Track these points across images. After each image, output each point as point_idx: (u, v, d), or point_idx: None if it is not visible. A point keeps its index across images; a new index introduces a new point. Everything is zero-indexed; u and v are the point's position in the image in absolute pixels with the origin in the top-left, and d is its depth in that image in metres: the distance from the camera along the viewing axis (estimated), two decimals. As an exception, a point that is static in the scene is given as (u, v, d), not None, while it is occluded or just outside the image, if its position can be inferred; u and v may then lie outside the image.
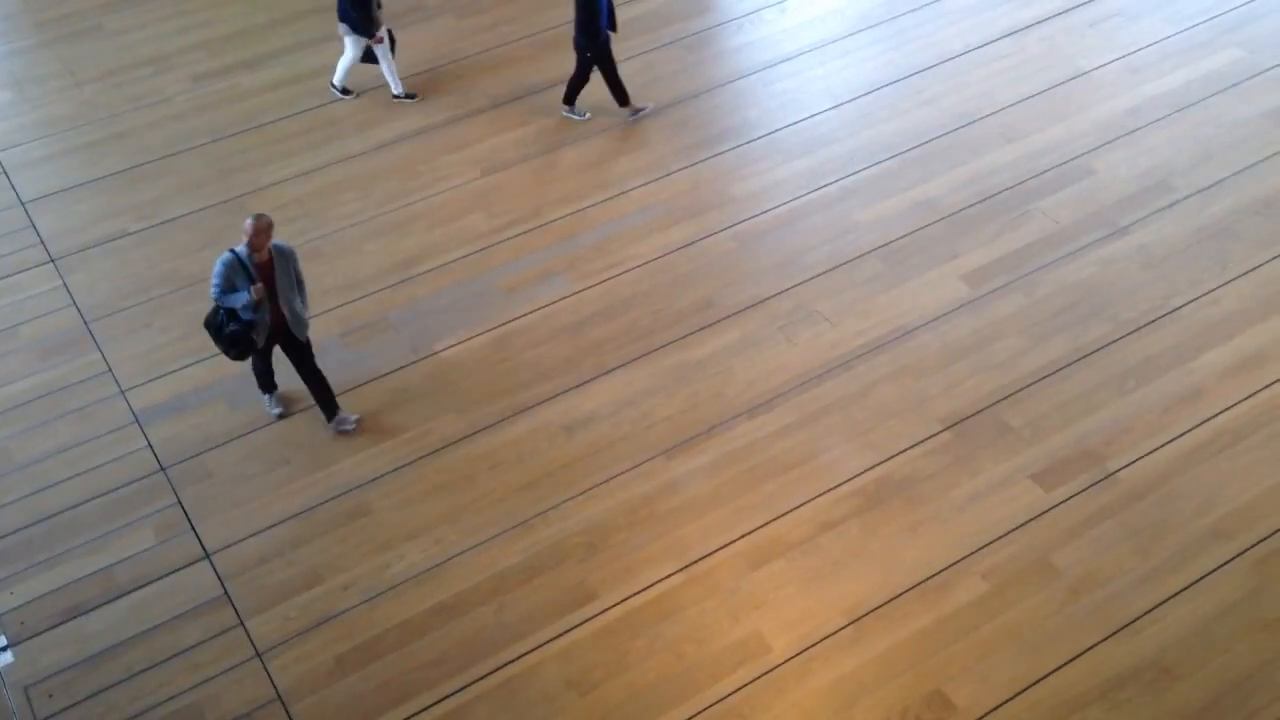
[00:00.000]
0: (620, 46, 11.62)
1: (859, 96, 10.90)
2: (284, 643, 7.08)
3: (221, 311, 7.60)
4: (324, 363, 8.70)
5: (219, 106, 11.24)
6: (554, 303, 9.11)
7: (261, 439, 8.22)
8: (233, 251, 7.45)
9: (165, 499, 7.89)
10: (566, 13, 12.16)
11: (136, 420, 8.40)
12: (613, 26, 10.25)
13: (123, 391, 8.62)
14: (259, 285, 7.44)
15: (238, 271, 7.44)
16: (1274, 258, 9.11)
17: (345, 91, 11.26)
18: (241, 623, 7.20)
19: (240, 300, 7.47)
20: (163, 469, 8.08)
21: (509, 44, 11.81)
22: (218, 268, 7.45)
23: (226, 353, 7.73)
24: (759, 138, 10.53)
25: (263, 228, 7.35)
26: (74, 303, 9.32)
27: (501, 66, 11.50)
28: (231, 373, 8.67)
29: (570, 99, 10.76)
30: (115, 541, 7.65)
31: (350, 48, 10.86)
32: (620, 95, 10.62)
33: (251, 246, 7.41)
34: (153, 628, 7.18)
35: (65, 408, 8.50)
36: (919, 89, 10.96)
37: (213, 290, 7.52)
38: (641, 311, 8.99)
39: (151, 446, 8.22)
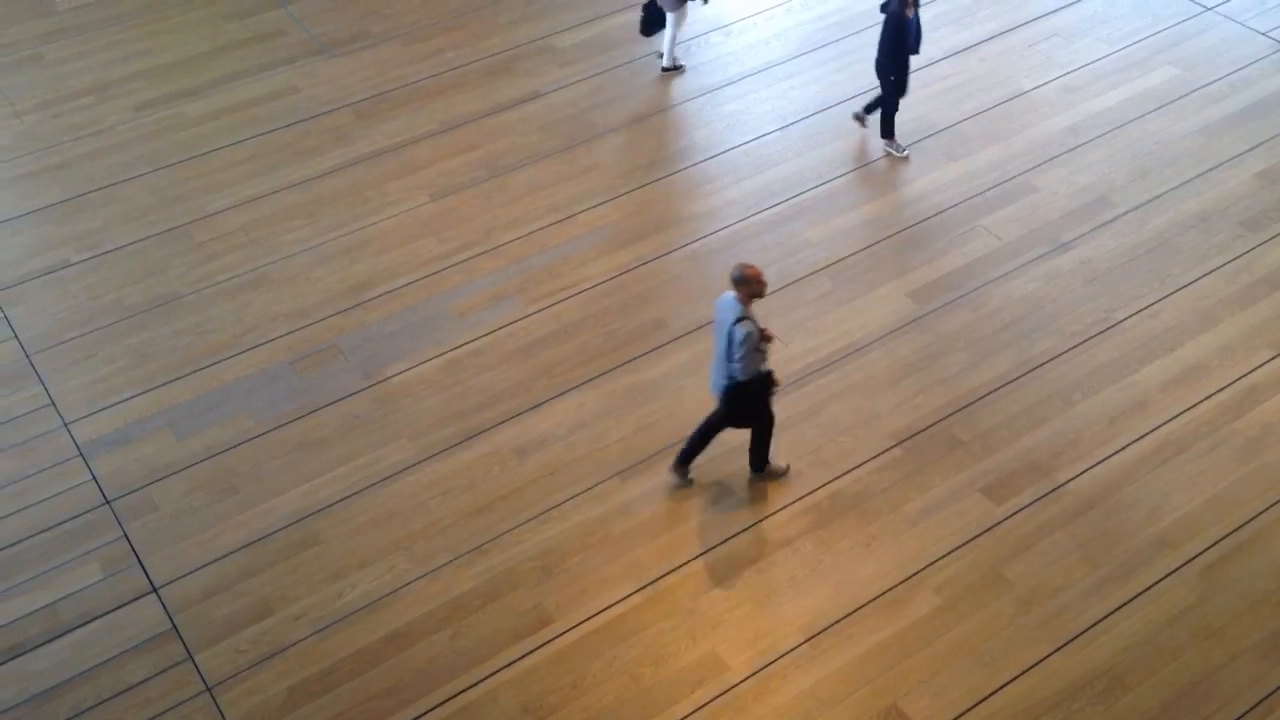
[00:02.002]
0: (568, 70, 11.68)
1: (805, 118, 11.01)
2: (234, 676, 6.97)
3: (751, 385, 7.09)
4: (274, 391, 8.62)
5: (162, 135, 11.13)
6: (505, 326, 9.09)
7: (208, 470, 8.11)
8: (747, 317, 6.85)
9: (111, 533, 7.75)
10: (512, 38, 12.19)
11: (80, 453, 8.26)
12: (916, 49, 9.93)
13: (66, 424, 8.47)
14: (768, 330, 7.07)
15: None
16: (1211, 271, 9.31)
17: (676, 67, 11.58)
18: (191, 657, 7.07)
19: (766, 358, 7.05)
20: (108, 502, 7.94)
21: (454, 69, 11.82)
22: (748, 342, 6.82)
23: (762, 418, 7.34)
24: (708, 159, 10.60)
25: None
26: (15, 335, 9.16)
27: (448, 91, 11.49)
28: (176, 403, 8.55)
29: (889, 131, 10.41)
30: (60, 577, 7.50)
31: (672, 24, 11.19)
32: (890, 125, 10.39)
33: (758, 295, 6.95)
34: (100, 664, 7.04)
35: (7, 442, 8.34)
36: (863, 110, 11.09)
37: (743, 370, 6.93)
38: (593, 333, 9.00)
39: (96, 479, 8.08)
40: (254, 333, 9.10)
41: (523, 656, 7.02)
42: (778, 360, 8.69)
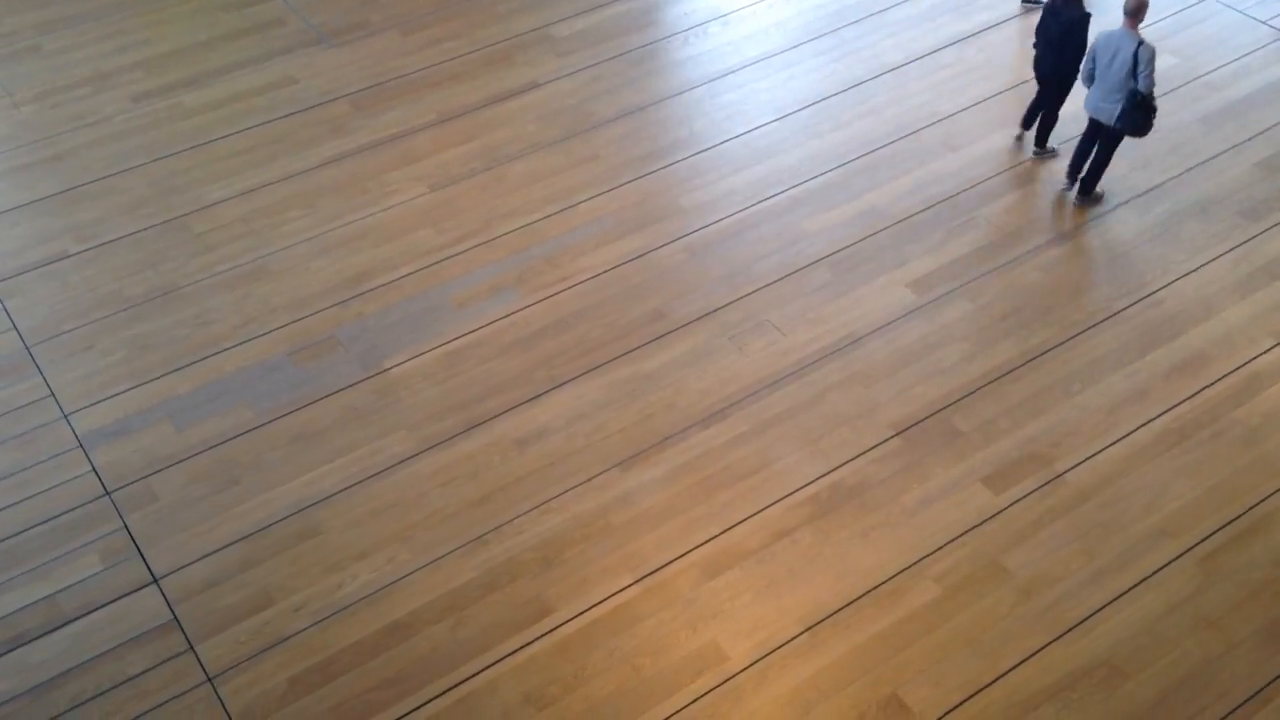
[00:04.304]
0: (567, 60, 11.65)
1: (804, 108, 10.99)
2: (235, 667, 6.98)
3: (1150, 97, 8.51)
4: (273, 382, 8.62)
5: (160, 125, 11.11)
6: (505, 317, 9.08)
7: (207, 461, 8.11)
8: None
9: (111, 524, 7.75)
10: (510, 28, 12.15)
11: (80, 444, 8.26)
12: None
13: (65, 416, 8.47)
14: None
15: None
16: (1212, 259, 9.30)
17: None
18: (191, 647, 7.08)
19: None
20: (108, 493, 7.94)
21: (453, 59, 11.79)
22: (1154, 60, 8.38)
23: (1145, 131, 8.77)
24: (706, 149, 10.59)
25: None
26: (14, 327, 9.15)
27: (446, 82, 11.48)
28: (176, 394, 8.55)
29: (1045, 139, 10.13)
30: (60, 568, 7.50)
31: None
32: (1047, 133, 10.12)
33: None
34: (100, 655, 7.05)
35: (6, 433, 8.34)
36: (863, 99, 11.07)
37: (1147, 83, 8.42)
38: (593, 324, 8.99)
39: (96, 471, 8.09)
40: (253, 324, 9.10)
41: (523, 647, 7.03)
42: (778, 349, 8.69)
